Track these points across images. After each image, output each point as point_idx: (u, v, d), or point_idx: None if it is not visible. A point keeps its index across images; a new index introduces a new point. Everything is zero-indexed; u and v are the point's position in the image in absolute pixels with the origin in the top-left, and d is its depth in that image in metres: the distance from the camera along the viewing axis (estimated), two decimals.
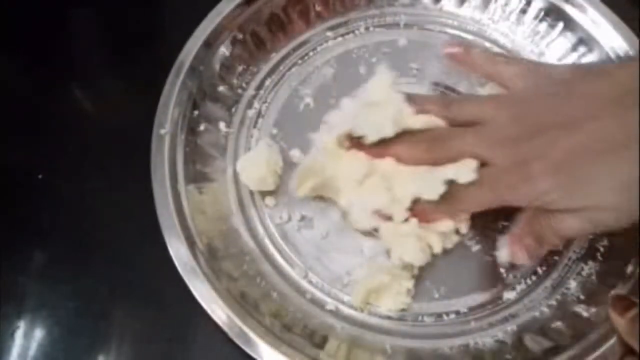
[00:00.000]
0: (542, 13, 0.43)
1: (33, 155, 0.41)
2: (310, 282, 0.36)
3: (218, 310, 0.32)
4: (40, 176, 0.40)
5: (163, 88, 0.39)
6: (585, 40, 0.42)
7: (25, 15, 0.46)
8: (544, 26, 0.44)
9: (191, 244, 0.34)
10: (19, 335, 0.35)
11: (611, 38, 0.41)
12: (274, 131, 0.41)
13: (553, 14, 0.43)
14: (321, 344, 0.33)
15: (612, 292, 0.33)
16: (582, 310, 0.34)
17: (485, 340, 0.34)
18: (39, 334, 0.35)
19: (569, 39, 0.43)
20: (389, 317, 0.35)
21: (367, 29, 0.45)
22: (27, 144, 0.42)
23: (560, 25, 0.43)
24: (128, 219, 0.38)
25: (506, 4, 0.44)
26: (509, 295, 0.36)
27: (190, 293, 0.33)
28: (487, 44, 0.44)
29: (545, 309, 0.35)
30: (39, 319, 0.35)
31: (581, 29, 0.42)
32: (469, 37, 0.45)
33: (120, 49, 0.46)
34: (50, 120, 0.42)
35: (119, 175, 0.40)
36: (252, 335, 0.31)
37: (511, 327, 0.35)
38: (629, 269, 0.34)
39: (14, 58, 0.46)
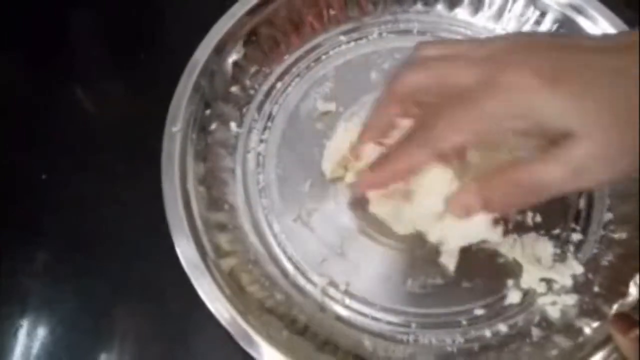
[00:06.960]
0: (557, 25, 0.43)
1: (36, 155, 0.41)
2: (315, 285, 0.36)
3: (222, 310, 0.32)
4: (44, 176, 0.40)
5: (168, 88, 0.39)
6: None
7: (25, 15, 0.47)
8: None
9: (198, 242, 0.34)
10: (21, 334, 0.35)
11: None
12: (285, 133, 0.41)
13: (567, 25, 0.43)
14: (324, 347, 0.33)
15: (614, 312, 0.33)
16: (584, 325, 0.34)
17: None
18: (41, 332, 0.35)
19: None
20: (392, 324, 0.35)
21: (380, 34, 0.45)
22: (30, 143, 0.42)
23: None
24: (131, 218, 0.38)
25: (521, 15, 0.44)
26: (512, 299, 0.36)
27: (193, 292, 0.33)
28: None
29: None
30: (42, 318, 0.36)
31: None
32: None
33: (127, 48, 0.46)
34: (53, 119, 0.43)
35: (122, 175, 0.40)
36: (254, 336, 0.31)
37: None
38: (631, 287, 0.34)
39: (15, 58, 0.46)
